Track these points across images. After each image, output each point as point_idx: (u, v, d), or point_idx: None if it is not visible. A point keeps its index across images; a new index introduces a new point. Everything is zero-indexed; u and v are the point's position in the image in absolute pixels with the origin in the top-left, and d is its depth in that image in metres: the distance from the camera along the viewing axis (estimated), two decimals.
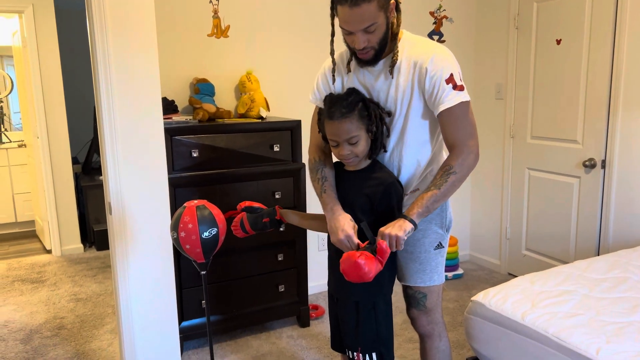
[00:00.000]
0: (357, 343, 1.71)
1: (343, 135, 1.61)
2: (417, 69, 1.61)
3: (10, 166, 4.96)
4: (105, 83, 2.11)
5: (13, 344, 2.89)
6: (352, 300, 1.71)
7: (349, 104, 1.61)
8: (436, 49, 1.63)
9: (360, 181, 1.70)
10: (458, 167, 1.60)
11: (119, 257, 2.23)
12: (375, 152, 1.67)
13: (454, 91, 1.58)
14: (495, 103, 3.72)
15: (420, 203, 1.58)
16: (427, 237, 1.79)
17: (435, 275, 1.81)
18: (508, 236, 3.74)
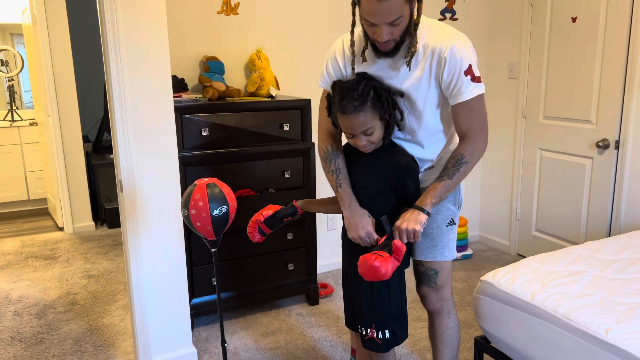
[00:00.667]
0: (370, 320, 1.73)
1: (358, 128, 1.59)
2: (435, 58, 1.59)
3: (22, 144, 5.00)
4: (115, 61, 2.11)
5: (27, 318, 2.95)
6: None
7: (360, 94, 1.56)
8: (454, 37, 1.59)
9: (376, 161, 1.69)
10: (469, 156, 1.64)
11: (130, 234, 2.25)
12: (389, 136, 1.66)
13: (473, 83, 1.58)
14: (508, 82, 3.67)
15: (433, 193, 1.62)
16: (440, 214, 1.80)
17: (446, 251, 1.83)
18: (518, 217, 3.72)
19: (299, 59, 3.22)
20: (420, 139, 1.72)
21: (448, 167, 1.64)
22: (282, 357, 2.52)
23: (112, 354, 2.56)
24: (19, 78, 5.47)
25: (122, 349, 2.61)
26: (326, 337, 2.70)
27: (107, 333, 2.77)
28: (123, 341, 2.69)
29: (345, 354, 2.54)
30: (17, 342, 2.68)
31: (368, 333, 1.74)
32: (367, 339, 1.75)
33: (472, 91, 1.59)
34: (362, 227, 1.64)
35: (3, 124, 4.99)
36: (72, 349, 2.62)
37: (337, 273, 3.49)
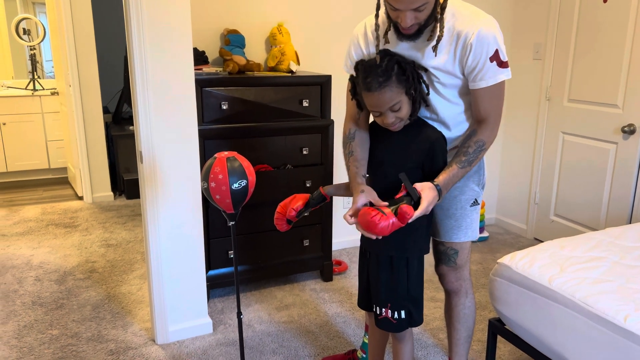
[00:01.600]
0: (387, 299, 1.72)
1: (385, 105, 1.56)
2: (460, 42, 1.55)
3: (43, 113, 5.05)
4: (137, 33, 2.10)
5: (48, 284, 3.02)
6: (386, 255, 1.71)
7: (384, 70, 1.53)
8: (482, 21, 1.55)
9: (405, 138, 1.67)
10: (488, 143, 1.65)
11: (149, 205, 2.28)
12: (416, 112, 1.63)
13: (499, 69, 1.56)
14: (533, 64, 3.59)
15: (454, 180, 1.61)
16: (464, 194, 1.80)
17: (469, 232, 1.83)
18: (537, 201, 3.68)
19: (320, 34, 3.18)
20: (444, 118, 1.70)
21: (469, 152, 1.62)
22: (295, 331, 2.55)
23: (129, 322, 2.62)
24: (40, 47, 5.50)
25: (139, 317, 2.66)
26: (339, 313, 2.72)
27: (124, 301, 2.83)
28: (140, 310, 2.74)
29: (358, 330, 2.56)
30: (37, 307, 2.76)
31: (383, 312, 1.73)
32: (381, 319, 1.75)
33: (497, 77, 1.57)
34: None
35: (25, 93, 5.04)
36: (90, 315, 2.68)
37: (351, 251, 3.50)
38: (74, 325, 2.58)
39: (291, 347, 2.42)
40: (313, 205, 1.86)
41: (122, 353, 2.36)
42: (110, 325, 2.59)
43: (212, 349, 2.40)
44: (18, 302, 2.80)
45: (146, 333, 2.52)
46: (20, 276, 3.11)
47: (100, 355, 2.34)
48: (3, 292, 2.91)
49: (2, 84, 5.23)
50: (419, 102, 1.62)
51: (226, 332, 2.54)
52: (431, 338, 2.50)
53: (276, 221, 1.88)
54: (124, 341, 2.45)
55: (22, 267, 3.23)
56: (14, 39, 5.27)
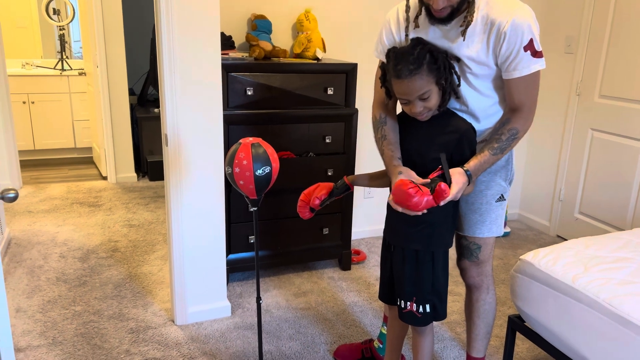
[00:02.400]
0: (412, 293, 1.71)
1: (414, 93, 1.54)
2: (494, 31, 1.52)
3: (70, 93, 5.13)
4: (166, 16, 2.10)
5: (72, 261, 3.08)
6: (412, 249, 1.69)
7: (416, 58, 1.51)
8: (516, 10, 1.51)
9: (433, 129, 1.65)
10: (522, 132, 1.63)
11: (173, 187, 2.30)
12: (445, 103, 1.61)
13: (533, 59, 1.53)
14: (564, 57, 3.50)
15: (485, 166, 1.59)
16: (490, 189, 1.78)
17: (494, 227, 1.81)
18: (561, 198, 3.62)
19: (348, 22, 3.15)
20: (474, 110, 1.67)
21: (502, 139, 1.60)
22: (312, 318, 2.56)
23: (149, 302, 2.66)
24: (69, 28, 5.56)
25: (159, 298, 2.71)
26: (356, 302, 2.73)
27: (145, 281, 2.88)
28: (160, 290, 2.78)
29: (375, 320, 2.56)
30: (62, 283, 2.82)
31: (407, 306, 1.72)
32: (405, 312, 1.73)
33: (531, 66, 1.54)
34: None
35: (53, 73, 5.12)
36: (112, 293, 2.73)
37: (370, 241, 3.50)
38: (96, 302, 2.64)
39: (308, 333, 2.44)
40: (337, 194, 1.85)
41: (142, 332, 2.40)
42: (131, 304, 2.64)
43: (230, 332, 2.43)
44: (43, 277, 2.87)
45: (166, 313, 2.56)
46: (45, 252, 3.18)
47: (121, 333, 2.39)
48: (29, 267, 2.98)
49: (31, 63, 5.31)
50: (449, 93, 1.59)
51: (244, 315, 2.56)
52: (448, 331, 2.49)
53: (299, 209, 1.88)
54: (144, 320, 2.49)
55: (47, 244, 3.30)
56: (43, 18, 5.34)
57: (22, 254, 3.15)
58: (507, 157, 1.78)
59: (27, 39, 5.40)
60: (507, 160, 1.79)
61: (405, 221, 1.65)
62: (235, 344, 2.34)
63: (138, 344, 2.31)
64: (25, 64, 5.28)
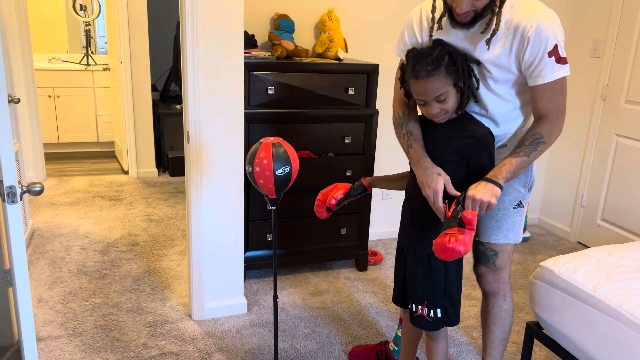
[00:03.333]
0: (423, 297, 1.70)
1: (431, 94, 1.53)
2: (517, 36, 1.50)
3: (95, 88, 5.21)
4: (190, 14, 2.12)
5: (92, 254, 3.14)
6: (424, 252, 1.68)
7: (434, 59, 1.50)
8: (541, 14, 1.49)
9: (450, 131, 1.63)
10: (547, 137, 1.58)
11: (194, 184, 2.32)
12: (463, 106, 1.59)
13: (557, 65, 1.50)
14: (589, 61, 3.44)
15: (508, 168, 1.56)
16: (508, 195, 1.75)
17: (510, 234, 1.78)
18: (583, 204, 3.56)
19: (370, 22, 3.14)
20: (494, 115, 1.65)
21: (525, 144, 1.57)
22: (328, 318, 2.57)
23: (167, 296, 2.70)
24: (94, 23, 5.65)
25: (177, 292, 2.74)
26: (372, 303, 2.72)
27: (163, 275, 2.91)
28: (178, 285, 2.82)
29: (390, 322, 2.56)
30: (82, 275, 2.87)
31: (418, 310, 1.71)
32: (416, 316, 1.73)
33: (555, 73, 1.51)
34: (429, 185, 1.57)
35: (78, 68, 5.20)
36: (131, 286, 2.77)
37: (387, 242, 3.49)
38: (115, 295, 2.68)
39: (323, 333, 2.44)
40: (354, 195, 1.86)
41: (159, 326, 2.43)
42: (149, 298, 2.67)
43: (246, 328, 2.45)
44: (64, 269, 2.93)
45: (183, 308, 2.59)
46: (67, 244, 3.24)
47: (139, 326, 2.42)
48: (51, 259, 3.04)
49: (57, 58, 5.41)
50: (468, 97, 1.58)
51: (260, 313, 2.58)
52: (464, 336, 2.48)
53: (316, 208, 1.89)
54: (162, 314, 2.53)
55: (69, 236, 3.36)
56: (70, 14, 5.43)
57: (45, 245, 3.22)
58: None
59: (54, 34, 5.50)
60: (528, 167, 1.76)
61: (418, 225, 1.65)
62: (250, 340, 2.36)
63: (155, 338, 2.34)
64: (51, 59, 5.38)
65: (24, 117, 4.09)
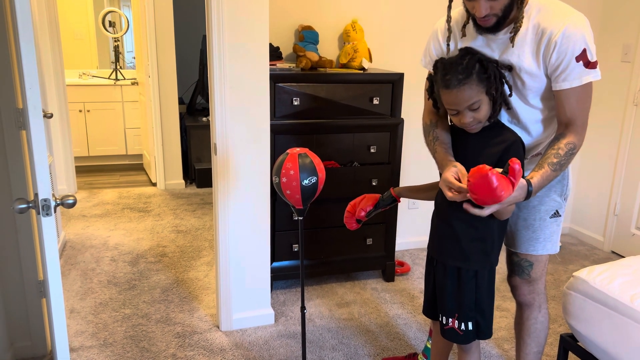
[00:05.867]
0: (453, 309, 1.66)
1: (463, 103, 1.50)
2: (544, 40, 1.47)
3: (123, 102, 5.33)
4: (217, 28, 2.16)
5: (122, 265, 3.19)
6: (453, 266, 1.65)
7: (465, 68, 1.48)
8: (569, 18, 1.46)
9: (482, 140, 1.60)
10: (578, 147, 1.55)
11: (221, 195, 2.34)
12: (496, 114, 1.57)
13: (586, 69, 1.47)
14: (620, 66, 3.37)
15: (545, 182, 1.49)
16: (544, 205, 1.72)
17: (548, 244, 1.74)
18: (616, 212, 3.47)
19: (394, 31, 3.14)
20: (525, 123, 1.63)
21: (560, 155, 1.52)
22: (355, 329, 2.55)
23: (195, 307, 2.72)
24: (122, 39, 5.79)
25: (205, 303, 2.76)
26: (400, 314, 2.69)
27: (191, 286, 2.94)
28: (206, 296, 2.84)
29: (419, 333, 2.52)
30: (112, 286, 2.92)
31: (449, 323, 1.67)
32: (447, 329, 1.69)
33: (583, 78, 1.47)
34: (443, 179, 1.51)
35: (108, 83, 5.33)
36: (160, 297, 2.81)
37: (414, 252, 3.45)
38: (145, 306, 2.71)
39: (351, 344, 2.42)
40: (383, 206, 1.84)
41: (187, 337, 2.45)
42: (177, 308, 2.70)
43: (274, 339, 2.44)
44: (95, 280, 2.98)
45: (211, 319, 2.61)
46: (97, 256, 3.30)
47: (168, 337, 2.44)
48: (82, 270, 3.10)
49: (87, 74, 5.56)
50: (500, 104, 1.55)
51: (287, 324, 2.58)
52: (495, 348, 2.42)
53: (345, 219, 1.88)
54: (190, 325, 2.54)
55: (99, 247, 3.43)
56: (100, 30, 5.58)
57: (76, 256, 3.28)
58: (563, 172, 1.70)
59: (84, 51, 5.65)
60: (563, 175, 1.73)
61: (448, 236, 1.62)
62: (278, 352, 2.35)
63: (184, 349, 2.36)
64: (82, 74, 5.53)
65: (56, 132, 4.20)
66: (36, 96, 1.33)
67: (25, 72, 1.31)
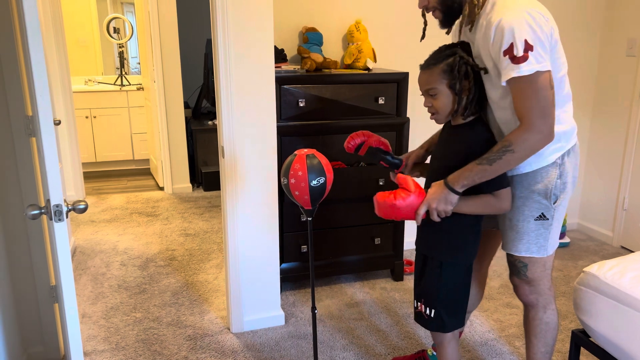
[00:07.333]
0: (420, 294, 1.76)
1: (423, 85, 1.63)
2: (488, 33, 1.51)
3: (129, 107, 5.36)
4: (222, 33, 2.17)
5: (132, 269, 3.21)
6: (421, 253, 1.77)
7: (438, 56, 1.60)
8: (508, 11, 1.45)
9: (452, 137, 1.69)
10: (518, 145, 1.48)
11: (229, 197, 2.36)
12: (461, 110, 1.60)
13: (511, 64, 1.44)
14: (625, 60, 3.36)
15: (467, 174, 1.54)
16: (527, 207, 1.68)
17: (533, 247, 1.70)
18: (625, 207, 3.45)
19: (398, 31, 3.15)
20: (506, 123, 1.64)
21: (492, 150, 1.52)
22: (365, 329, 2.55)
23: (206, 309, 2.73)
24: (127, 45, 5.83)
25: (215, 306, 2.77)
26: (410, 313, 2.69)
27: (201, 289, 2.95)
28: (216, 298, 2.85)
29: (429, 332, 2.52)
30: (123, 290, 2.94)
31: (418, 306, 1.77)
32: (417, 311, 1.78)
33: (509, 73, 1.45)
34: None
35: (113, 88, 5.36)
36: (170, 300, 2.82)
37: None
38: (156, 309, 2.73)
39: (362, 344, 2.43)
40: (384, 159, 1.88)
41: (199, 339, 2.46)
42: (188, 311, 2.71)
43: (284, 340, 2.45)
44: (106, 284, 3.00)
45: (222, 321, 2.62)
46: (107, 260, 3.32)
47: (179, 339, 2.46)
48: (93, 275, 3.12)
49: (93, 80, 5.60)
50: (467, 103, 1.59)
51: (297, 325, 2.58)
52: (506, 345, 2.42)
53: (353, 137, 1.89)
54: (201, 328, 2.56)
55: (109, 252, 3.45)
56: (104, 37, 5.61)
57: (87, 262, 3.30)
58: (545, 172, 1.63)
59: (90, 57, 5.69)
60: (543, 175, 1.64)
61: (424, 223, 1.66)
62: (289, 352, 2.36)
63: (196, 351, 2.37)
64: (87, 81, 5.57)
65: (63, 138, 4.23)
66: (47, 103, 1.35)
67: (36, 79, 1.33)
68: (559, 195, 1.66)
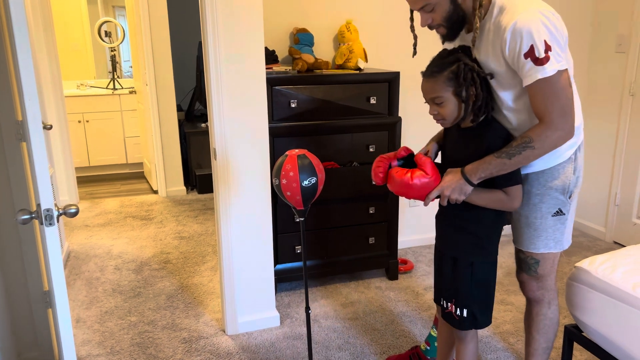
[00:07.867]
0: (452, 295, 1.72)
1: (428, 93, 1.59)
2: (499, 38, 1.48)
3: (122, 111, 5.34)
4: (212, 34, 2.17)
5: (126, 273, 3.20)
6: (450, 256, 1.71)
7: (441, 63, 1.56)
8: (522, 13, 1.43)
9: (463, 139, 1.66)
10: (539, 142, 1.49)
11: (222, 199, 2.36)
12: (468, 117, 1.59)
13: (535, 66, 1.43)
14: (615, 57, 3.38)
15: (485, 167, 1.54)
16: (545, 203, 1.69)
17: (551, 243, 1.72)
18: (617, 202, 3.47)
19: (389, 31, 3.15)
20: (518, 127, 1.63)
21: (512, 145, 1.52)
22: (360, 328, 2.55)
23: (201, 312, 2.73)
24: (119, 48, 5.81)
25: (210, 308, 2.76)
26: (405, 312, 2.70)
27: (196, 292, 2.95)
28: (211, 300, 2.85)
29: (424, 330, 2.53)
30: (117, 294, 2.93)
31: (448, 307, 1.74)
32: (446, 312, 1.75)
33: (534, 75, 1.44)
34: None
35: (106, 92, 5.35)
36: (165, 304, 2.81)
37: (417, 250, 3.46)
38: (150, 313, 2.72)
39: (357, 344, 2.43)
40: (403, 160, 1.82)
41: (194, 342, 2.46)
42: (183, 314, 2.71)
43: (280, 341, 2.45)
44: (100, 289, 2.99)
45: (217, 323, 2.61)
46: (101, 265, 3.31)
47: (175, 342, 2.45)
48: (87, 279, 3.11)
49: (85, 84, 5.58)
50: (475, 109, 1.57)
51: (293, 325, 2.58)
52: (501, 342, 2.43)
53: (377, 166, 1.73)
54: (196, 330, 2.55)
55: (103, 256, 3.44)
56: (96, 41, 5.60)
57: (81, 266, 3.29)
58: (562, 168, 1.65)
59: (81, 61, 5.67)
60: (560, 171, 1.66)
61: (447, 226, 1.69)
62: (285, 353, 2.36)
63: (191, 354, 2.36)
64: (80, 85, 5.55)
65: (56, 143, 4.22)
66: (35, 107, 1.34)
67: (24, 83, 1.33)
68: (574, 190, 1.70)
